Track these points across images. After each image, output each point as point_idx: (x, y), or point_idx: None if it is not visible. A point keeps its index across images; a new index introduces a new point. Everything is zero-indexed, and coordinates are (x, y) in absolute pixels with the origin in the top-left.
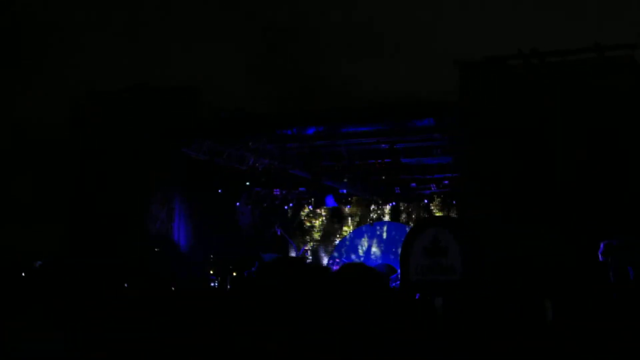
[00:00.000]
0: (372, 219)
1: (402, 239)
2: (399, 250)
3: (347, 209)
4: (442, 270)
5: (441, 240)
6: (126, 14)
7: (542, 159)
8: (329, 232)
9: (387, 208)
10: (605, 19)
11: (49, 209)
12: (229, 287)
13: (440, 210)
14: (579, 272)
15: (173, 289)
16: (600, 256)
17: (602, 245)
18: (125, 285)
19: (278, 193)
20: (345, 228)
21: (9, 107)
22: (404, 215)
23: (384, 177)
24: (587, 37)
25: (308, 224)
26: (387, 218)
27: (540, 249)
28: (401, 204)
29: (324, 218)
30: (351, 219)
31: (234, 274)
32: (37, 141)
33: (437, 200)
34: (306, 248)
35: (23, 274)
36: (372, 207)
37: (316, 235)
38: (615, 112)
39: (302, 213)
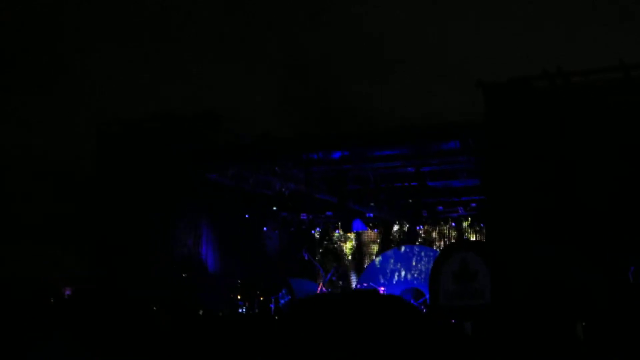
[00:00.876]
0: (399, 242)
1: (431, 263)
2: (426, 274)
3: (374, 233)
4: (471, 294)
5: (470, 265)
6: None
7: (568, 180)
8: (357, 256)
9: (414, 231)
10: (629, 37)
11: (76, 236)
12: (256, 311)
13: (468, 234)
14: (609, 294)
15: (201, 314)
16: (630, 277)
17: (632, 268)
18: (154, 313)
19: (305, 218)
20: (372, 252)
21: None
22: (433, 238)
23: (410, 201)
24: (612, 56)
25: (335, 248)
26: (415, 241)
27: (569, 271)
28: (428, 227)
29: (352, 242)
30: (379, 243)
31: (262, 298)
32: (63, 169)
33: (465, 224)
34: (334, 272)
35: (52, 301)
36: (400, 230)
37: (344, 260)
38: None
39: (329, 237)
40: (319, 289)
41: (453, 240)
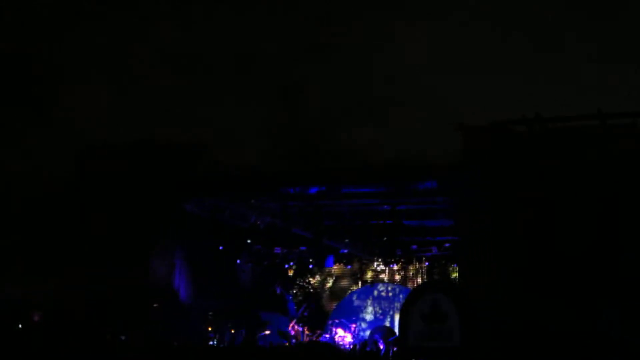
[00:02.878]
0: (372, 280)
1: (402, 301)
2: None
3: (348, 269)
4: (441, 336)
5: (440, 306)
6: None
7: (543, 226)
8: (329, 292)
9: (388, 269)
10: (607, 87)
11: (48, 260)
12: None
13: (440, 274)
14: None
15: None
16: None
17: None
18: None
19: (279, 251)
20: (346, 288)
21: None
22: (406, 276)
23: (385, 239)
24: (590, 104)
25: (308, 283)
26: (387, 279)
27: (541, 316)
28: (402, 265)
29: (325, 278)
30: (352, 279)
31: (232, 331)
32: (38, 192)
33: (437, 263)
34: (306, 307)
35: (20, 326)
36: (373, 268)
37: (317, 295)
38: (616, 180)
39: (302, 272)
40: (291, 325)
41: (425, 280)
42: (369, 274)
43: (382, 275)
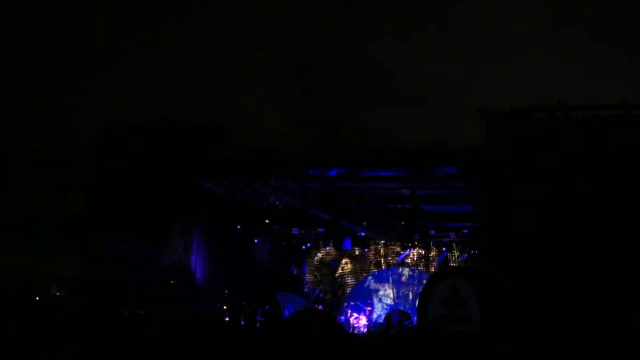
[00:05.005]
0: (389, 263)
1: (419, 286)
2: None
3: (365, 252)
4: (459, 321)
5: (460, 291)
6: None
7: (563, 213)
8: (345, 275)
9: (405, 253)
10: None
11: (68, 237)
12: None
13: (458, 260)
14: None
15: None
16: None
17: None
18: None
19: (297, 232)
20: (362, 271)
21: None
22: (423, 261)
23: (403, 223)
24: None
25: (325, 265)
26: (404, 264)
27: (558, 303)
28: (419, 250)
29: (342, 260)
30: (369, 263)
31: (247, 311)
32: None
33: (455, 249)
34: (321, 289)
35: (37, 299)
36: (390, 251)
37: (333, 277)
38: (638, 170)
39: (319, 254)
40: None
41: (444, 265)
42: (386, 258)
43: (399, 260)
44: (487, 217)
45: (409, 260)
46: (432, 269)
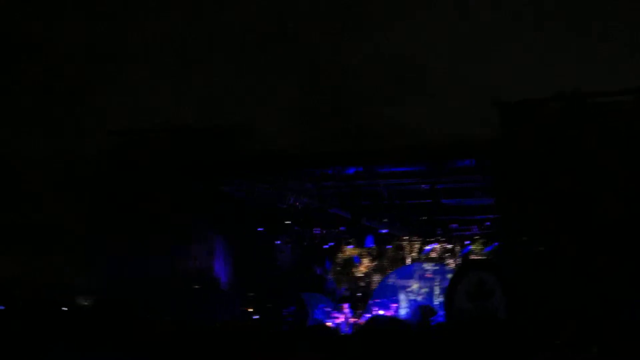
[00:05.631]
0: (412, 259)
1: (443, 280)
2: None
3: (387, 249)
4: (486, 313)
5: (486, 284)
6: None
7: (583, 203)
8: (369, 273)
9: (429, 248)
10: None
11: (88, 244)
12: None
13: (482, 253)
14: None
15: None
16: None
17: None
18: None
19: (318, 232)
20: (386, 268)
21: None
22: (446, 255)
23: (424, 218)
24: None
25: (348, 263)
26: (426, 259)
27: (583, 295)
28: (442, 245)
29: (365, 258)
30: (391, 259)
31: (274, 312)
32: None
33: (478, 242)
34: (347, 288)
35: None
36: (412, 247)
37: (357, 275)
38: None
39: (342, 252)
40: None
41: (468, 259)
42: (409, 254)
43: (422, 255)
44: (503, 209)
45: (433, 255)
46: (456, 263)
